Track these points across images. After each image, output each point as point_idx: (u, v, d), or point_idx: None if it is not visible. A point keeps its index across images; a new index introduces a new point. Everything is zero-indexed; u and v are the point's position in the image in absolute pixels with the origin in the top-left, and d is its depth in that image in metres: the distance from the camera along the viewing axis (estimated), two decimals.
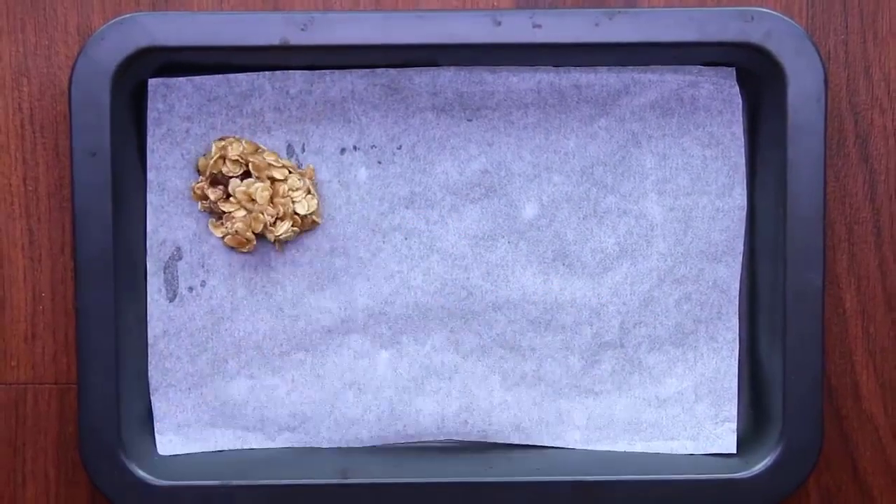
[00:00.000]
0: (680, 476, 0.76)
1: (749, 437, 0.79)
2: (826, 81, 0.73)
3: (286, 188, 0.76)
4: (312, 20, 0.74)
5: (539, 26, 0.74)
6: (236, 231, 0.76)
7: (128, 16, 0.73)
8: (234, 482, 0.76)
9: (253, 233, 0.76)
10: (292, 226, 0.76)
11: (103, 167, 0.74)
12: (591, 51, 0.75)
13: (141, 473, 0.76)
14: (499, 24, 0.74)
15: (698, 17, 0.74)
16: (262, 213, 0.76)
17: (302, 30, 0.74)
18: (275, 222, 0.76)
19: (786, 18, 0.73)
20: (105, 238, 0.74)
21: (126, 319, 0.76)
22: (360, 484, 0.76)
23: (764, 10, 0.74)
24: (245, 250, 0.77)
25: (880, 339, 0.79)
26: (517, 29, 0.74)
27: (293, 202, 0.76)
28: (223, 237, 0.77)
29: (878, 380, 0.80)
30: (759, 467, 0.76)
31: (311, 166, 0.77)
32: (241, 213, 0.76)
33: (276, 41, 0.74)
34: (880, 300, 0.79)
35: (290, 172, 0.76)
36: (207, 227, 0.78)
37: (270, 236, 0.76)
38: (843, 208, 0.79)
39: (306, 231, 0.78)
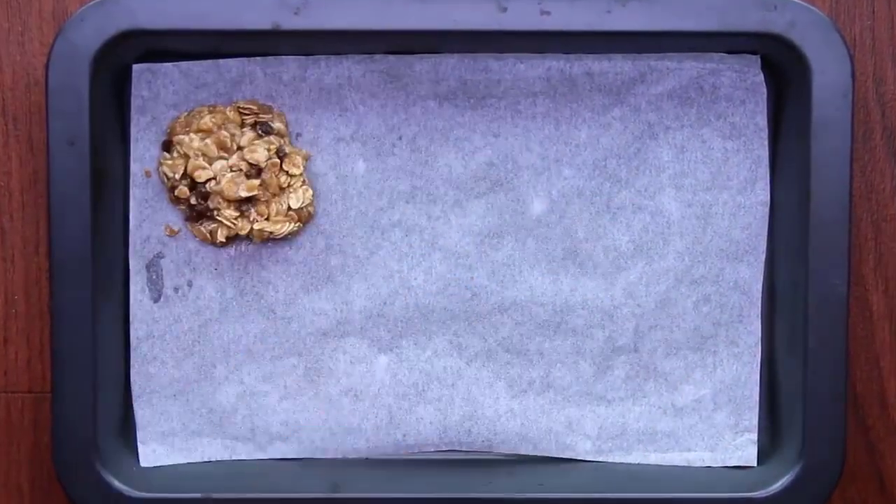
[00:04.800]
0: (695, 494, 0.75)
1: (768, 450, 0.77)
2: (853, 76, 0.72)
3: (275, 181, 0.75)
4: (306, 3, 0.72)
5: (548, 13, 0.72)
6: (212, 232, 0.76)
7: None
8: (219, 495, 0.74)
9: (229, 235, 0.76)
10: (294, 221, 0.75)
11: (82, 157, 0.72)
12: (603, 39, 0.74)
13: (118, 485, 0.74)
14: (504, 10, 0.72)
15: (717, 5, 0.72)
16: (249, 215, 0.75)
17: (295, 13, 0.72)
18: (268, 218, 0.75)
19: (812, 8, 0.72)
20: (83, 233, 0.73)
21: (104, 322, 0.75)
22: (351, 499, 0.75)
23: None
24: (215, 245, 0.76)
25: None
26: (524, 16, 0.73)
27: (288, 192, 0.75)
28: (192, 230, 0.76)
29: None
30: (778, 485, 0.74)
31: (305, 151, 0.76)
32: (229, 212, 0.75)
33: (267, 25, 0.72)
34: None
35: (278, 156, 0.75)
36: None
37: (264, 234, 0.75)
38: (870, 205, 0.78)
39: (304, 224, 0.76)
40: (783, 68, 0.74)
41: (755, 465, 0.77)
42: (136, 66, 0.75)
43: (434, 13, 0.72)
